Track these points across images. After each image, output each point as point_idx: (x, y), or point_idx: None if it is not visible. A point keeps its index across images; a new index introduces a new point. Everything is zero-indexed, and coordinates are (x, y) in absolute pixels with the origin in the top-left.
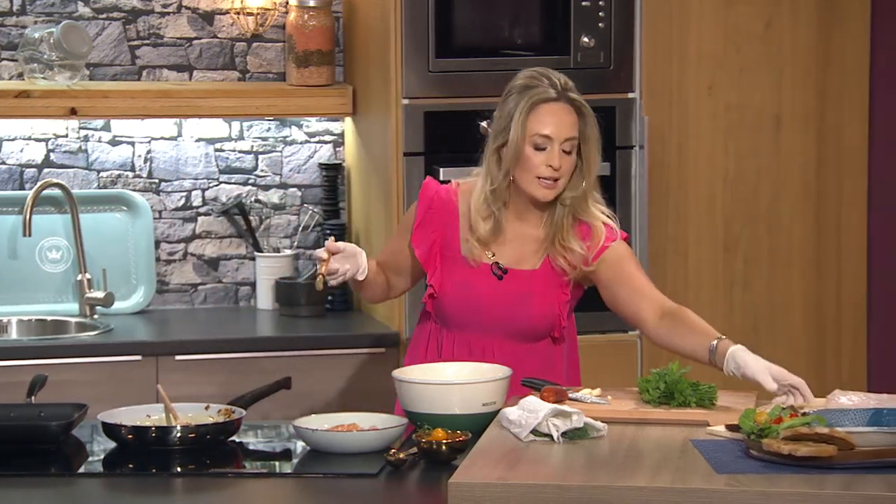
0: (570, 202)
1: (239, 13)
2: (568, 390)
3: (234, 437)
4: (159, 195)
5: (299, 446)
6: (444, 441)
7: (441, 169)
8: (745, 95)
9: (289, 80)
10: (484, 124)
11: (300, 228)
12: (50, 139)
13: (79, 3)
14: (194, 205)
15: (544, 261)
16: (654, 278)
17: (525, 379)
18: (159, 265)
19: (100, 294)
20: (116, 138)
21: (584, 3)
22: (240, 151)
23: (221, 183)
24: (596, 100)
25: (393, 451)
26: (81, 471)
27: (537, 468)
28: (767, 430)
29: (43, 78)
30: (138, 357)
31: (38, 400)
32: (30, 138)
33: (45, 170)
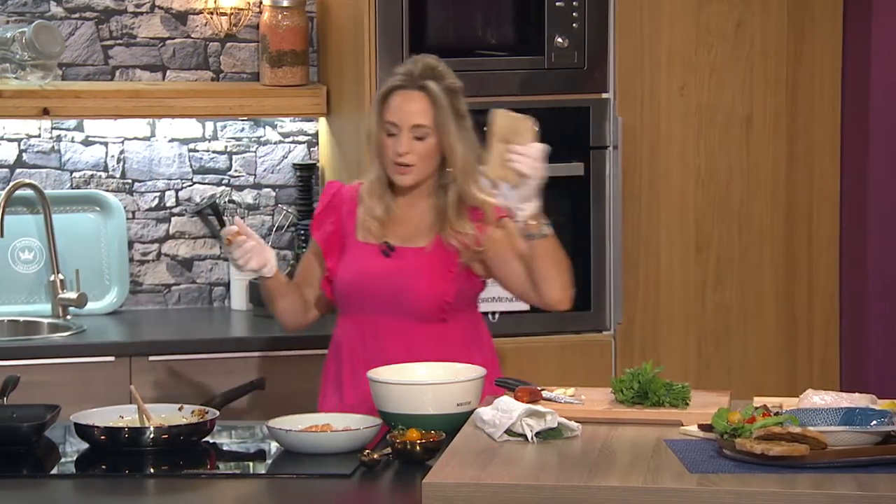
0: (452, 187)
1: (212, 13)
2: (542, 390)
3: (208, 438)
4: (132, 195)
5: (273, 447)
6: (419, 441)
7: None
8: (717, 95)
9: (262, 81)
10: None
11: (274, 229)
12: (22, 139)
13: (51, 2)
14: (168, 205)
15: (435, 240)
16: (626, 278)
17: (499, 379)
18: (132, 265)
19: (73, 295)
20: (89, 138)
21: (557, 4)
22: (213, 152)
23: (195, 183)
24: (570, 100)
25: (367, 451)
26: (54, 472)
27: (510, 468)
28: (740, 430)
29: (15, 78)
30: (111, 358)
31: (9, 401)
32: (2, 138)
33: (18, 170)
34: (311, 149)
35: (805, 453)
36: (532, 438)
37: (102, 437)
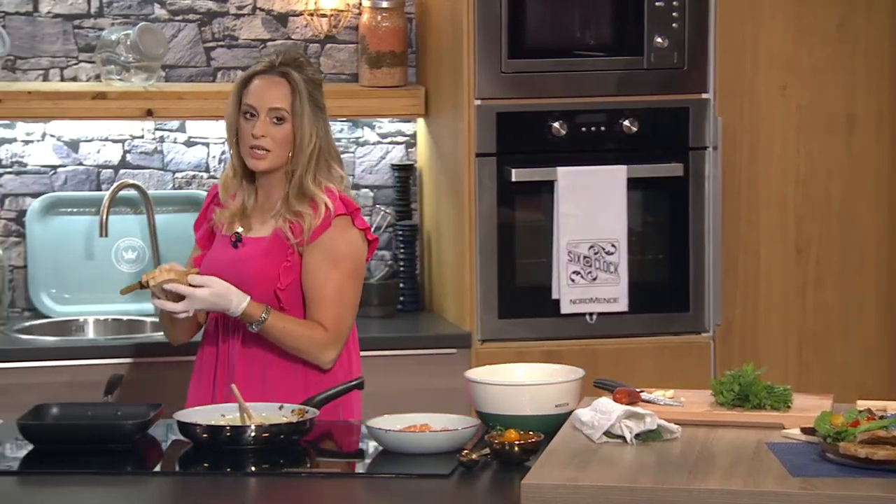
0: (295, 176)
1: (312, 14)
2: (641, 392)
3: (307, 437)
4: None
5: (372, 446)
6: (517, 442)
7: (513, 170)
8: (818, 96)
9: (361, 81)
10: None
11: (373, 229)
12: (126, 140)
13: (155, 5)
14: None
15: (275, 229)
16: (725, 279)
17: (598, 380)
18: None
19: None
20: (191, 139)
21: (657, 4)
22: None
23: None
24: (669, 100)
25: (465, 451)
26: (157, 470)
27: (609, 469)
28: (844, 434)
29: (119, 80)
30: None
31: (113, 399)
32: (106, 139)
33: (122, 170)
34: (410, 149)
35: None
36: (631, 440)
37: (204, 436)
